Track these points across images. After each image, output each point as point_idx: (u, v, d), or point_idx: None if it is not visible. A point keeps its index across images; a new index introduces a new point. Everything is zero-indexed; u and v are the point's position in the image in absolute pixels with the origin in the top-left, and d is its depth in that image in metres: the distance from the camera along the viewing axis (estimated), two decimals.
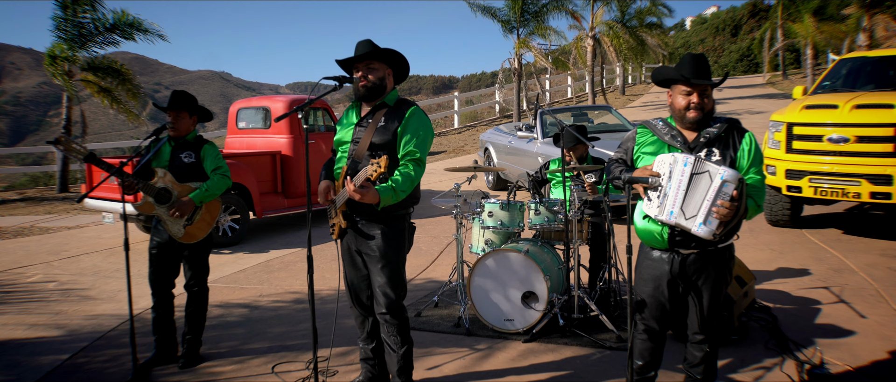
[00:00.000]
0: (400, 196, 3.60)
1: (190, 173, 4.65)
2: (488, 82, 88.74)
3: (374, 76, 3.73)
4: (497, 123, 24.45)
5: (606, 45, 27.04)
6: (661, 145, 3.46)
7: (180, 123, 4.66)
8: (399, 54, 3.79)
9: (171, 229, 4.57)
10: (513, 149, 11.55)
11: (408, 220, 3.88)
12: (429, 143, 3.77)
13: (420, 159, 3.68)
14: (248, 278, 7.32)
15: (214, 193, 4.63)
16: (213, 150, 4.75)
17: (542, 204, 5.29)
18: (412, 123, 3.70)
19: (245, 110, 10.72)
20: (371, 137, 3.69)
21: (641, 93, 34.33)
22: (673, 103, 3.44)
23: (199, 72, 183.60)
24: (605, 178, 3.94)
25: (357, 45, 3.78)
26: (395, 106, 3.78)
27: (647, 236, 3.43)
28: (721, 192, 3.13)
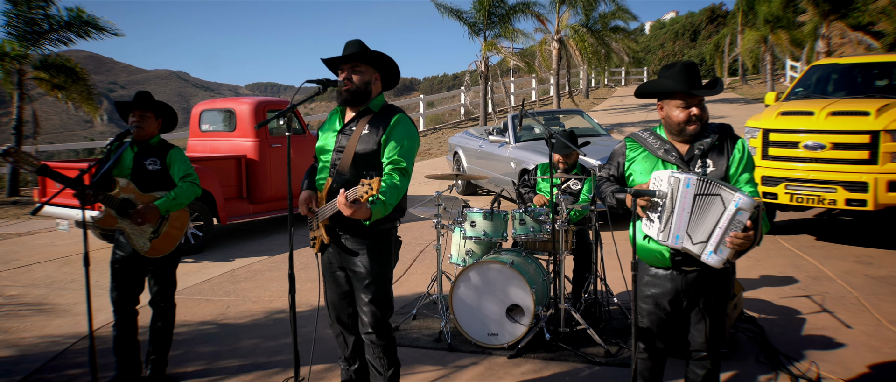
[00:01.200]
0: (388, 209, 3.39)
1: (155, 182, 4.34)
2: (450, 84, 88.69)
3: (358, 79, 3.51)
4: (463, 126, 24.29)
5: (572, 49, 27.05)
6: (654, 161, 3.28)
7: (146, 124, 4.35)
8: (388, 58, 3.57)
9: (136, 242, 4.26)
10: (484, 153, 11.38)
11: (394, 234, 3.66)
12: (414, 151, 3.56)
13: (405, 169, 3.46)
14: (214, 289, 7.00)
15: (182, 202, 4.33)
16: (180, 155, 4.45)
17: (528, 214, 5.10)
18: (397, 131, 3.48)
19: (209, 112, 10.35)
20: (355, 146, 3.47)
21: (605, 97, 34.54)
22: (668, 117, 3.25)
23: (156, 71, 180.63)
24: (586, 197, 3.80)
25: (346, 45, 3.55)
26: (380, 112, 3.56)
27: (648, 255, 3.26)
28: (735, 220, 2.97)
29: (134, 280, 4.39)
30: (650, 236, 3.16)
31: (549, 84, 31.70)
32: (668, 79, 3.23)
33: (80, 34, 15.83)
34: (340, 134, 3.57)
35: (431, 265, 7.47)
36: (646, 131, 3.39)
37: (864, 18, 28.38)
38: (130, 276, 4.37)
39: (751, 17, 35.03)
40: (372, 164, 3.47)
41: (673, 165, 3.20)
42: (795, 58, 30.43)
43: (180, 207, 4.35)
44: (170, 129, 4.59)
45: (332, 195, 3.40)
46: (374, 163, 3.47)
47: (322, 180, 3.58)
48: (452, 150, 13.03)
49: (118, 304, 4.36)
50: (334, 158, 3.54)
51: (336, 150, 3.54)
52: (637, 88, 3.41)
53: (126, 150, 4.37)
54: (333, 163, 3.53)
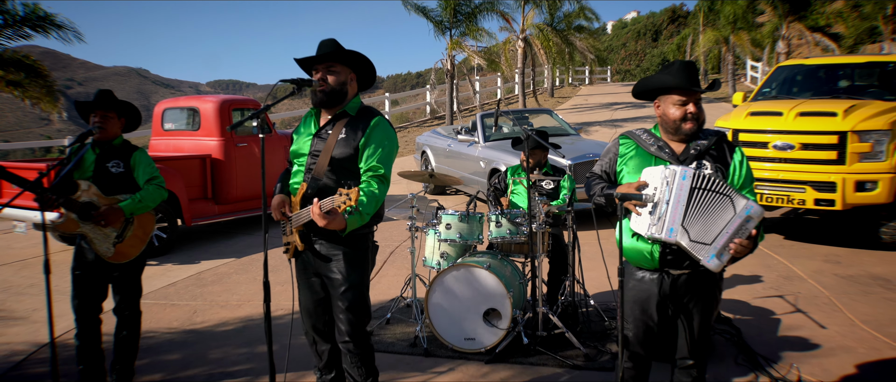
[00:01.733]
0: (365, 219, 3.29)
1: (119, 185, 4.15)
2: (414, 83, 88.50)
3: (334, 80, 3.39)
4: (429, 125, 24.18)
5: (537, 47, 27.12)
6: (647, 158, 3.22)
7: (109, 124, 4.17)
8: (364, 57, 3.46)
9: (100, 247, 4.07)
10: (453, 152, 11.29)
11: (371, 239, 3.55)
12: (393, 157, 3.46)
13: (384, 176, 3.36)
14: (180, 293, 6.80)
15: (148, 205, 4.15)
16: (144, 157, 4.27)
17: (504, 216, 5.02)
18: (376, 135, 3.38)
19: (172, 111, 10.08)
20: (331, 151, 3.35)
21: (569, 95, 34.70)
22: (664, 115, 3.20)
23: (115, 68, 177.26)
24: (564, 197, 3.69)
25: (320, 44, 3.42)
26: (357, 115, 3.44)
27: (635, 255, 3.19)
28: (744, 228, 2.96)
29: (97, 287, 4.20)
30: (639, 234, 3.10)
31: (515, 83, 31.78)
32: (667, 76, 3.19)
33: (37, 30, 15.40)
34: (316, 137, 3.45)
35: (404, 266, 7.36)
36: (640, 130, 3.32)
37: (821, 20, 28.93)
38: (93, 283, 4.18)
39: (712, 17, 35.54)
40: (348, 169, 3.36)
41: (665, 161, 3.14)
42: (756, 58, 30.94)
43: (146, 210, 4.17)
44: (133, 128, 4.40)
45: (307, 201, 3.28)
46: (351, 168, 3.37)
47: (296, 184, 3.46)
48: (420, 149, 12.92)
49: (80, 312, 4.16)
50: (309, 162, 3.41)
51: (311, 154, 3.42)
52: (635, 86, 3.35)
53: (87, 151, 4.18)
54: (308, 167, 3.41)
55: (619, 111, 24.93)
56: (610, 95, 32.49)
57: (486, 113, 11.12)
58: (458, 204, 11.01)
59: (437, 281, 4.80)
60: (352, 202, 2.97)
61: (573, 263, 5.17)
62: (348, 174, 3.35)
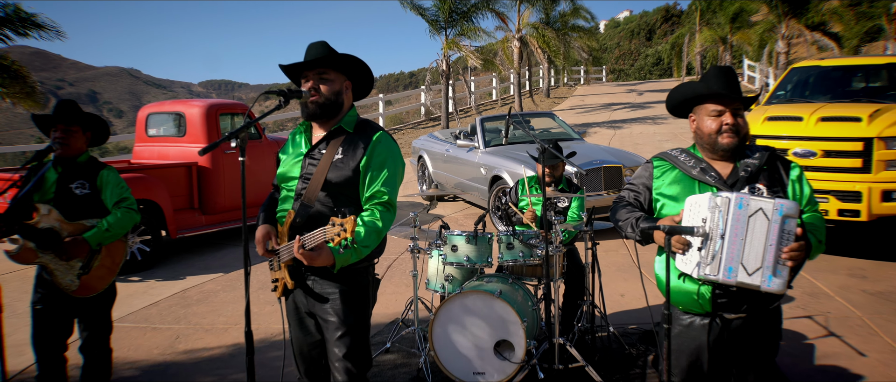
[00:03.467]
0: (362, 253, 2.82)
1: (84, 208, 3.68)
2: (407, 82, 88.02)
3: (327, 89, 2.93)
4: (424, 127, 23.71)
5: (534, 47, 26.70)
6: (689, 183, 2.77)
7: (72, 139, 3.70)
8: (361, 62, 3.00)
9: (62, 280, 3.59)
10: (451, 158, 10.82)
11: (371, 273, 3.08)
12: (400, 179, 2.99)
13: (390, 203, 2.90)
14: (162, 314, 6.32)
15: (117, 232, 3.68)
16: (113, 176, 3.79)
17: (517, 238, 4.56)
18: (379, 155, 2.91)
19: (156, 116, 9.59)
20: (325, 173, 2.88)
21: (566, 96, 34.27)
22: (699, 128, 2.76)
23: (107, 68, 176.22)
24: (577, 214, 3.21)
25: (308, 47, 2.96)
26: (356, 131, 2.98)
27: (682, 297, 2.73)
28: (785, 231, 2.49)
29: (61, 323, 3.73)
30: (686, 275, 2.64)
31: (510, 83, 31.35)
32: (699, 84, 2.75)
33: (18, 32, 14.87)
34: (307, 158, 2.98)
35: (403, 282, 6.90)
36: (677, 150, 2.88)
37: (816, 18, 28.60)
38: (56, 318, 3.71)
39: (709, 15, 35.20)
40: (346, 195, 2.90)
41: (712, 187, 2.69)
42: (753, 58, 30.59)
43: (115, 238, 3.70)
44: (100, 142, 3.93)
45: (296, 231, 2.82)
46: (349, 194, 2.91)
47: (284, 212, 2.99)
48: (417, 154, 12.45)
49: (42, 351, 3.69)
50: (299, 187, 2.94)
51: (302, 177, 2.95)
52: (668, 98, 2.90)
53: (48, 170, 3.70)
54: (298, 193, 2.94)
55: (617, 112, 24.51)
56: (607, 96, 32.10)
57: (486, 117, 10.66)
58: (456, 211, 10.56)
59: (444, 309, 4.34)
60: (348, 234, 2.52)
61: (592, 286, 4.71)
62: (345, 201, 2.90)
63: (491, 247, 4.68)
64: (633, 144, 16.30)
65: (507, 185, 8.68)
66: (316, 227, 2.69)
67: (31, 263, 3.59)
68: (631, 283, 6.59)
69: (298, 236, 2.67)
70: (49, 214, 3.58)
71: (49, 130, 3.72)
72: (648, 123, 20.59)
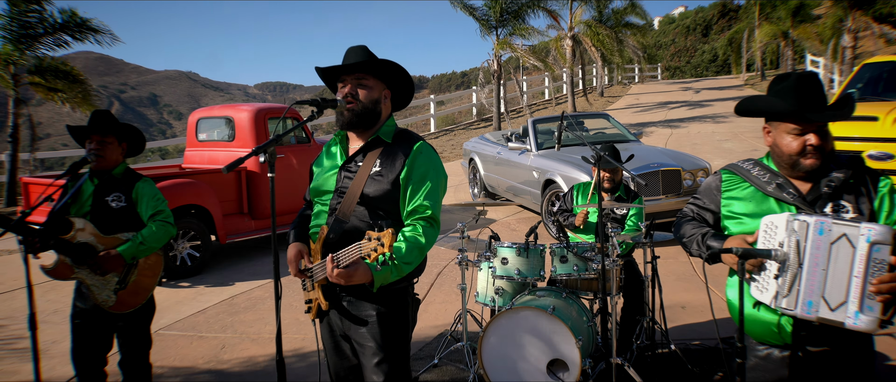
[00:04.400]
0: (403, 271, 2.60)
1: (120, 222, 3.58)
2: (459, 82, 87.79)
3: (365, 95, 2.73)
4: (476, 128, 23.50)
5: (587, 45, 26.21)
6: (763, 200, 2.48)
7: (108, 151, 3.60)
8: (402, 70, 2.80)
9: (98, 296, 3.50)
10: (502, 160, 10.58)
11: (411, 293, 2.87)
12: (442, 192, 2.78)
13: (433, 217, 2.68)
14: (209, 322, 6.25)
15: (152, 246, 3.56)
16: (149, 188, 3.68)
17: (571, 250, 4.30)
18: (420, 166, 2.71)
19: (206, 120, 9.60)
20: (362, 187, 2.69)
21: (620, 95, 33.60)
22: (777, 145, 2.45)
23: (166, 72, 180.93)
24: (635, 224, 2.93)
25: (347, 51, 2.77)
26: (394, 142, 2.79)
27: (758, 327, 2.45)
28: (874, 260, 2.16)
29: (99, 338, 3.64)
30: (762, 303, 2.37)
31: (563, 82, 30.89)
32: (778, 95, 2.44)
33: (75, 37, 15.19)
34: (343, 171, 2.79)
35: (452, 291, 6.69)
36: (749, 162, 2.59)
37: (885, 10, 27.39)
38: (95, 333, 3.62)
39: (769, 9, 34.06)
40: (385, 209, 2.71)
41: (790, 206, 2.40)
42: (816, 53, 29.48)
43: (150, 252, 3.58)
44: (137, 153, 3.83)
45: (330, 248, 2.63)
46: (388, 209, 2.71)
47: (317, 228, 2.80)
48: (468, 156, 12.24)
49: (81, 366, 3.62)
50: (334, 201, 2.76)
51: (337, 191, 2.76)
52: (738, 105, 2.61)
53: (85, 183, 3.61)
54: (332, 207, 2.75)
55: (674, 111, 23.85)
56: (663, 94, 31.35)
57: (538, 118, 10.38)
58: (508, 216, 10.31)
59: (493, 325, 4.12)
60: (385, 249, 2.32)
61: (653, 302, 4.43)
62: (384, 217, 2.70)
63: (543, 260, 4.43)
64: (691, 144, 15.78)
65: (561, 189, 8.40)
66: (351, 244, 2.51)
67: (67, 278, 3.51)
68: (693, 294, 6.27)
69: (331, 254, 2.48)
70: (84, 228, 3.48)
71: (84, 141, 3.63)
72: (707, 122, 19.96)
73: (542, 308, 3.99)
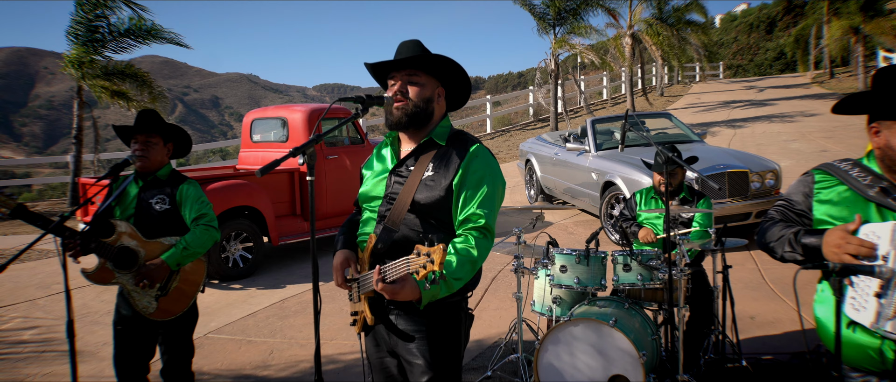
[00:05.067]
0: (453, 287, 2.37)
1: (163, 225, 3.46)
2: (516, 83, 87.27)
3: (416, 94, 2.52)
4: (532, 128, 23.17)
5: (647, 43, 25.59)
6: (862, 205, 2.18)
7: (152, 152, 3.48)
8: (457, 66, 2.57)
9: (139, 303, 3.38)
10: (560, 161, 10.28)
11: (464, 308, 2.64)
12: (499, 200, 2.54)
13: (487, 227, 2.44)
14: (259, 325, 6.15)
15: (196, 251, 3.43)
16: (194, 190, 3.55)
17: (635, 258, 4.02)
18: (475, 171, 2.48)
19: (260, 121, 9.56)
20: (413, 193, 2.48)
21: (681, 94, 32.75)
22: (888, 146, 2.14)
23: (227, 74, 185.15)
24: (702, 227, 2.60)
25: (399, 46, 2.56)
26: (449, 144, 2.57)
27: (852, 350, 2.16)
28: None
29: (141, 345, 3.53)
30: (858, 324, 2.08)
31: (621, 81, 30.26)
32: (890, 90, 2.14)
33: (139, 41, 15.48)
34: (394, 175, 2.58)
35: (507, 297, 6.45)
36: (847, 162, 2.28)
37: None
38: (137, 340, 3.51)
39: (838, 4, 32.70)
40: (437, 218, 2.49)
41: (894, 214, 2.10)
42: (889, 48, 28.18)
43: (194, 257, 3.45)
44: (183, 154, 3.71)
45: (378, 259, 2.43)
46: (440, 217, 2.49)
47: (365, 236, 2.60)
48: (524, 157, 11.96)
49: (123, 372, 3.51)
50: (383, 208, 2.55)
51: (387, 197, 2.55)
52: (839, 104, 2.31)
53: (130, 184, 3.50)
54: (382, 214, 2.54)
55: (738, 110, 23.07)
56: (725, 93, 30.43)
57: (597, 118, 10.05)
58: (566, 218, 10.00)
59: (551, 337, 3.87)
60: (435, 267, 2.10)
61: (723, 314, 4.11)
62: (436, 225, 2.49)
63: (604, 268, 4.16)
64: (756, 144, 15.17)
65: (621, 192, 8.07)
66: (400, 254, 2.30)
67: (108, 283, 3.40)
68: (762, 303, 5.89)
69: (378, 266, 2.29)
70: (127, 231, 3.37)
71: (129, 140, 3.53)
72: (773, 122, 19.22)
73: (603, 320, 3.72)
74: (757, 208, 7.81)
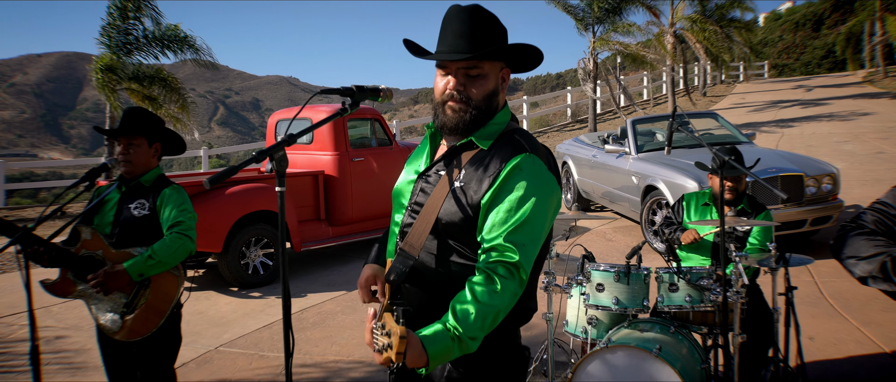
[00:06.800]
0: (469, 348, 1.78)
1: (140, 233, 3.08)
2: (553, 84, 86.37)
3: (478, 92, 1.94)
4: (570, 129, 22.60)
5: (691, 41, 24.79)
6: None
7: (136, 154, 3.11)
8: (530, 48, 1.99)
9: (102, 320, 3.01)
10: (598, 164, 9.75)
11: (517, 344, 2.07)
12: (545, 231, 1.93)
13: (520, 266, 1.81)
14: (274, 338, 5.78)
15: (166, 261, 3.01)
16: (177, 196, 3.16)
17: (683, 277, 3.53)
18: (515, 189, 1.86)
19: (285, 123, 9.23)
20: (437, 209, 1.93)
21: (724, 94, 31.77)
22: None
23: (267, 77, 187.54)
24: (760, 240, 2.10)
25: (448, 17, 1.95)
26: (493, 147, 1.96)
27: None
28: None
29: (125, 364, 3.16)
30: None
31: (662, 81, 29.46)
32: None
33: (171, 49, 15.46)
34: (422, 180, 2.07)
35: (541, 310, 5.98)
36: None
37: None
38: (119, 359, 3.15)
39: None
40: (462, 241, 1.95)
41: None
42: None
43: (163, 268, 3.03)
44: (175, 153, 3.34)
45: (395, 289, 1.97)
46: (466, 240, 1.94)
47: (389, 253, 2.13)
48: (561, 159, 11.44)
49: None
50: (405, 221, 2.05)
51: (411, 208, 2.05)
52: None
53: (113, 190, 3.14)
54: (403, 229, 2.04)
55: (786, 110, 22.17)
56: (771, 93, 29.43)
57: (637, 119, 9.50)
58: (602, 224, 9.47)
59: (585, 365, 3.40)
60: (391, 356, 1.64)
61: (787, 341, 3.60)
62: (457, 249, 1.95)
63: (647, 287, 3.67)
64: (806, 146, 14.41)
65: (663, 197, 7.53)
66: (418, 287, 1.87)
67: (68, 296, 3.03)
68: (821, 321, 5.33)
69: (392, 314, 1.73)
70: (92, 239, 3.00)
71: (113, 143, 3.17)
72: (822, 122, 18.34)
73: (646, 349, 3.24)
74: (812, 214, 7.21)
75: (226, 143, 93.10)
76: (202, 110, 24.58)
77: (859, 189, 9.87)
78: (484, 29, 1.92)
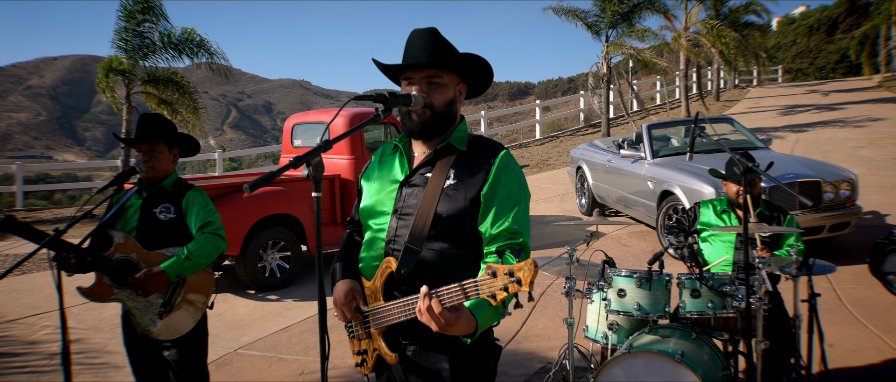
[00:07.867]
0: (502, 316, 2.03)
1: (169, 236, 3.14)
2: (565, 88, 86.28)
3: (438, 98, 2.18)
4: (583, 133, 22.57)
5: (707, 46, 24.72)
6: None
7: (157, 160, 3.16)
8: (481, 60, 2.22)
9: (140, 320, 3.06)
10: (613, 169, 9.74)
11: (491, 338, 2.24)
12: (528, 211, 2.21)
13: (525, 246, 2.10)
14: (292, 341, 5.81)
15: (200, 261, 3.09)
16: (200, 198, 3.23)
17: (705, 283, 3.53)
18: (507, 182, 2.15)
19: (301, 126, 9.28)
20: (435, 206, 2.11)
21: (738, 98, 31.63)
22: None
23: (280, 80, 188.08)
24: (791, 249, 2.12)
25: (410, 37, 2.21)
26: (470, 150, 2.23)
27: None
28: None
29: (154, 368, 3.20)
30: None
31: (676, 86, 29.38)
32: None
33: (185, 53, 15.59)
34: (405, 186, 2.21)
35: (557, 313, 6.00)
36: None
37: None
38: (147, 365, 3.18)
39: None
40: (462, 234, 2.13)
41: None
42: None
43: (198, 268, 3.11)
44: (190, 155, 3.39)
45: (394, 286, 2.08)
46: (463, 232, 2.13)
47: (373, 261, 2.20)
48: (575, 164, 11.44)
49: None
50: (394, 226, 2.17)
51: (400, 212, 2.18)
52: None
53: (132, 196, 3.18)
54: (393, 235, 2.16)
55: (800, 115, 22.05)
56: (785, 97, 29.27)
57: (653, 123, 9.49)
58: (618, 229, 9.46)
59: (606, 371, 3.41)
60: (523, 288, 1.69)
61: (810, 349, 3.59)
62: (457, 244, 2.13)
63: (669, 293, 3.67)
64: (822, 151, 14.34)
65: (679, 202, 7.52)
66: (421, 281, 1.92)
67: (106, 300, 3.08)
68: (841, 328, 5.31)
69: (425, 287, 1.83)
70: (125, 243, 3.05)
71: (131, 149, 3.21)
72: (837, 127, 18.24)
73: (668, 355, 3.25)
74: (830, 220, 7.18)
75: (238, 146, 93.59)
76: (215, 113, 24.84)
77: (877, 195, 9.81)
78: (442, 45, 2.18)
